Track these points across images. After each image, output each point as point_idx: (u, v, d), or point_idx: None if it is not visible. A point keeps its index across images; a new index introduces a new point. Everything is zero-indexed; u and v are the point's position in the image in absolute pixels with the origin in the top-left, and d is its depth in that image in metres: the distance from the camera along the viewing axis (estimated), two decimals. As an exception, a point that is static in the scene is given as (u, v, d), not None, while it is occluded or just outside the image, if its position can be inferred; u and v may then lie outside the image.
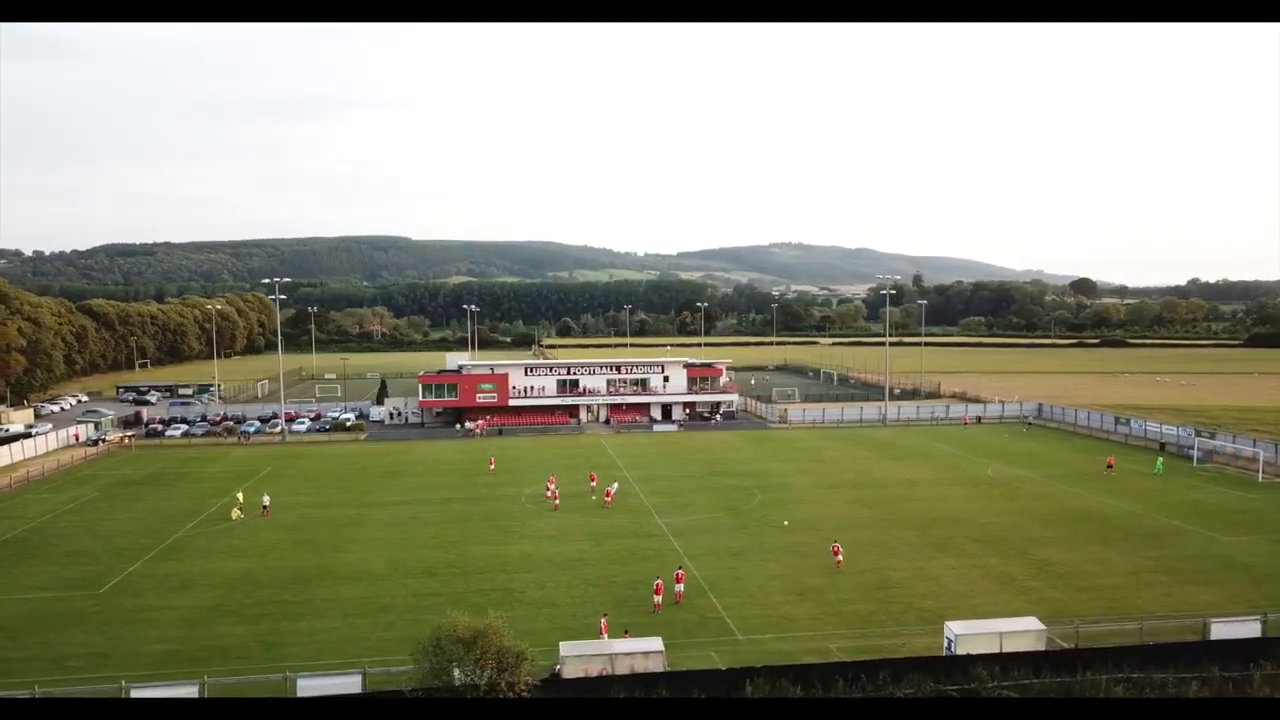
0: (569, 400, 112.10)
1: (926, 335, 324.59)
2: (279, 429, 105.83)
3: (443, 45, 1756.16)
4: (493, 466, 79.41)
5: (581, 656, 33.88)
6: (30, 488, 75.09)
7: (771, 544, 55.01)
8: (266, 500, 64.83)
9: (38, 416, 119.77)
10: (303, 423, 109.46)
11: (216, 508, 65.53)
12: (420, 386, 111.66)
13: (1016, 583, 47.37)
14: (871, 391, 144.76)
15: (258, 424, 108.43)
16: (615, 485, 68.85)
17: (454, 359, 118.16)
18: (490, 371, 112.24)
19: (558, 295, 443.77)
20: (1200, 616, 39.77)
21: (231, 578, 49.20)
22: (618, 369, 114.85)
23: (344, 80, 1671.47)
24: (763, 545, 54.71)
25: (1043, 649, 35.57)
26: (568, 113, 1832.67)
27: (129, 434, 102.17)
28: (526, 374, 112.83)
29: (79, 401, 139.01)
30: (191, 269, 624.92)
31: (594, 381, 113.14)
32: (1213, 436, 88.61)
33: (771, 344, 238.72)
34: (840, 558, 50.02)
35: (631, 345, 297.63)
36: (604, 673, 33.46)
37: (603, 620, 39.59)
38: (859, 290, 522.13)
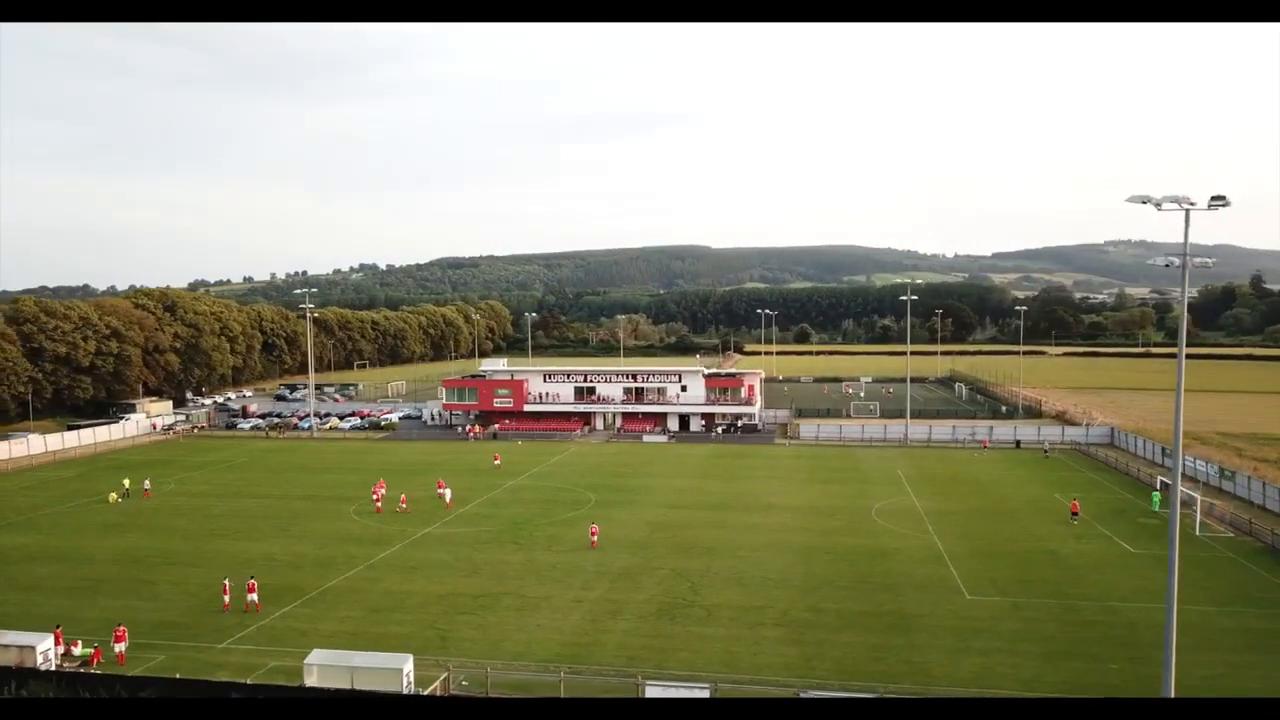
0: (584, 408, 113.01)
1: (1200, 345, 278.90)
2: (327, 424, 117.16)
3: (745, 55, 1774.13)
4: (498, 461, 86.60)
5: None
6: (53, 465, 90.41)
7: (477, 560, 53.87)
8: (147, 485, 73.88)
9: (179, 407, 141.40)
10: (350, 421, 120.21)
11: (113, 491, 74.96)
12: (443, 390, 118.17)
13: (612, 620, 43.05)
14: (990, 406, 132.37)
15: (316, 420, 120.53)
16: (449, 491, 68.95)
17: (487, 364, 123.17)
18: (510, 377, 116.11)
19: (829, 300, 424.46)
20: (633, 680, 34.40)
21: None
22: (633, 377, 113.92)
23: (652, 96, 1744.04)
24: (468, 561, 53.65)
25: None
26: (873, 115, 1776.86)
27: (197, 425, 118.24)
28: (545, 380, 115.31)
29: (242, 397, 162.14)
30: (509, 279, 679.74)
31: (609, 390, 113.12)
32: (1232, 476, 71.86)
33: (937, 353, 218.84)
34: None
35: (830, 354, 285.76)
36: None
37: (120, 628, 39.90)
38: (1194, 294, 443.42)
